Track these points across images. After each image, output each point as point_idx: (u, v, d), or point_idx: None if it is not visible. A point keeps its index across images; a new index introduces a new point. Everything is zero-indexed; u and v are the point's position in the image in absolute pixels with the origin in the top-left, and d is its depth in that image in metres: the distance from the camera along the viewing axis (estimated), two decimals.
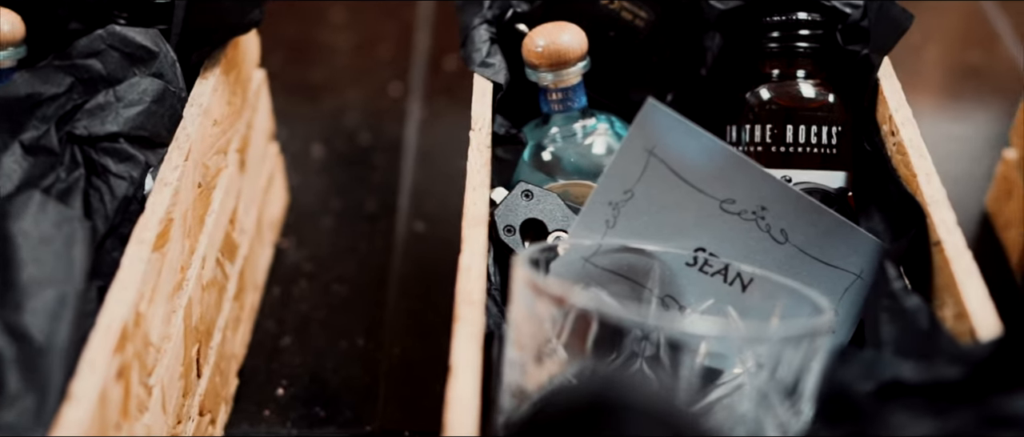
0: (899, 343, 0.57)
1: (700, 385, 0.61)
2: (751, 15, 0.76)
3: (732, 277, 0.64)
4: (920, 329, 0.56)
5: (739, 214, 0.64)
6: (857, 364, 0.53)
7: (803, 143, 0.72)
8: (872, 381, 0.52)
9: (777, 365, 0.55)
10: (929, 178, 0.65)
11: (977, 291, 0.57)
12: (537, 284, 0.54)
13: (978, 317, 0.55)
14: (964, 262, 0.59)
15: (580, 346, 0.57)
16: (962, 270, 0.58)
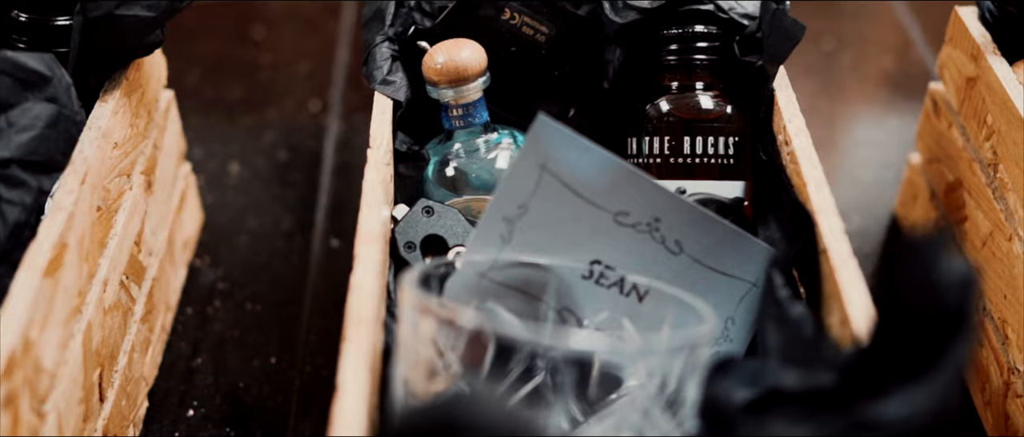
0: (784, 351, 0.58)
1: (599, 395, 0.62)
2: (649, 29, 0.77)
3: (628, 289, 0.65)
4: (804, 337, 0.57)
5: (634, 226, 0.65)
6: (740, 373, 0.54)
7: (700, 154, 0.73)
8: (754, 389, 0.53)
9: (663, 376, 0.56)
10: (819, 187, 0.66)
11: (860, 298, 0.58)
12: (422, 304, 0.54)
13: (860, 324, 0.56)
14: (848, 270, 0.60)
15: (476, 361, 0.58)
16: (846, 278, 0.59)
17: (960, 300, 0.45)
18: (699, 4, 0.76)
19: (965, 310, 0.45)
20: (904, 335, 0.46)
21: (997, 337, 0.76)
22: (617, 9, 0.77)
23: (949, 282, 0.45)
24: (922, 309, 0.45)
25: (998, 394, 0.76)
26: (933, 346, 0.45)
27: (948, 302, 0.45)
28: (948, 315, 0.45)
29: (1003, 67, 0.77)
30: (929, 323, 0.45)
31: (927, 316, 0.45)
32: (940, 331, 0.45)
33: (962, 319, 0.45)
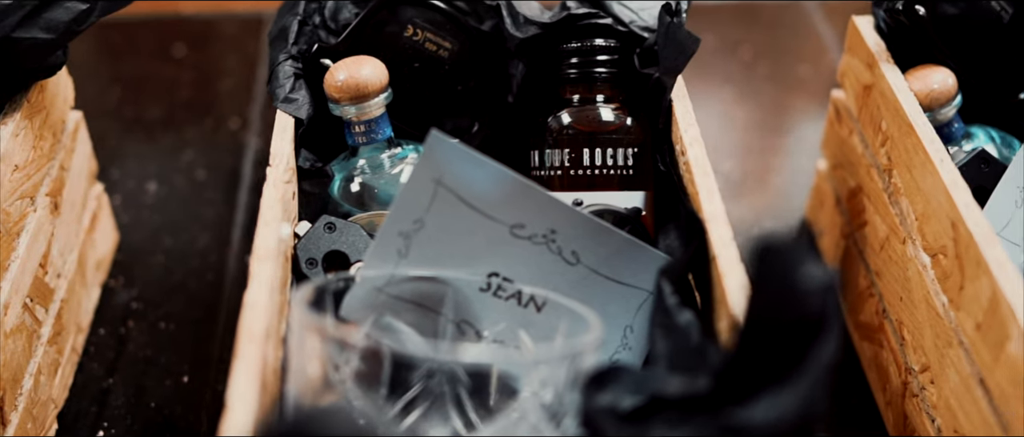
0: (671, 357, 0.59)
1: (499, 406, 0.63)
2: (550, 43, 0.78)
3: (526, 300, 0.66)
4: (691, 344, 0.59)
5: (530, 238, 0.66)
6: (626, 380, 0.55)
7: (600, 165, 0.74)
8: (639, 396, 0.54)
9: (554, 385, 0.57)
10: (711, 195, 0.67)
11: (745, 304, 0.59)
12: (307, 321, 0.55)
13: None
14: (735, 276, 0.61)
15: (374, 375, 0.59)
16: (733, 284, 0.61)
17: (821, 305, 0.46)
18: (598, 18, 0.77)
19: (827, 315, 0.46)
20: (769, 341, 0.47)
21: (895, 339, 0.78)
22: (518, 24, 0.78)
23: (810, 288, 0.46)
24: (785, 315, 0.46)
25: (897, 394, 0.78)
26: (797, 351, 0.47)
27: (810, 307, 0.46)
28: (810, 320, 0.46)
29: (895, 75, 0.79)
30: (792, 329, 0.47)
31: (790, 322, 0.46)
32: (803, 336, 0.47)
33: (824, 324, 0.46)
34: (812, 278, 0.46)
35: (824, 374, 0.46)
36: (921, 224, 0.73)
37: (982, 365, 0.64)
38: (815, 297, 0.46)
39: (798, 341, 0.46)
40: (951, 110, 0.80)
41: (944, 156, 0.72)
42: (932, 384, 0.72)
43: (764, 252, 0.47)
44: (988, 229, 0.66)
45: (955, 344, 0.68)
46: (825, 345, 0.46)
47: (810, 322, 0.46)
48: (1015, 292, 0.61)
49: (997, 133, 0.83)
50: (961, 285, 0.67)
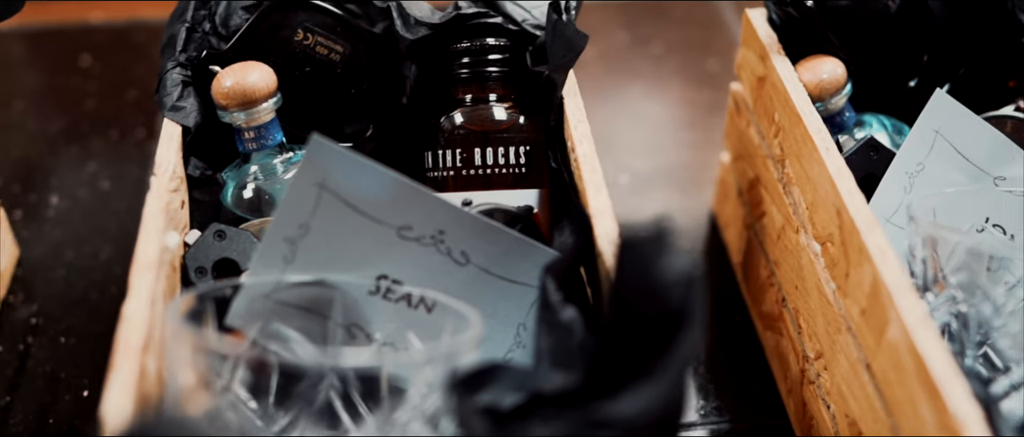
0: (554, 354, 0.59)
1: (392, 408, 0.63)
2: (441, 43, 0.78)
3: (416, 302, 0.66)
4: (573, 340, 0.59)
5: (418, 240, 0.66)
6: (507, 378, 0.55)
7: (492, 164, 0.74)
8: (520, 394, 0.54)
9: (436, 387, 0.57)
10: (598, 191, 0.67)
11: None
12: (177, 332, 0.54)
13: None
14: None
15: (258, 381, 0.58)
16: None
17: (682, 299, 0.47)
18: (488, 17, 0.77)
19: (687, 308, 0.47)
20: (632, 335, 0.47)
21: (793, 327, 0.79)
22: (409, 26, 0.78)
23: (671, 281, 0.47)
24: (647, 309, 0.47)
25: (796, 382, 0.78)
26: (659, 345, 0.47)
27: (671, 301, 0.46)
28: (671, 314, 0.47)
29: (785, 66, 0.80)
30: (654, 323, 0.47)
31: (652, 316, 0.47)
32: (665, 330, 0.47)
33: (685, 317, 0.47)
34: (674, 271, 0.46)
35: (686, 367, 0.47)
36: (811, 213, 0.74)
37: (867, 350, 0.65)
38: (677, 290, 0.46)
39: (660, 335, 0.47)
40: (841, 99, 0.81)
41: (830, 145, 0.72)
42: (826, 370, 0.72)
43: (624, 248, 0.47)
44: (870, 216, 0.66)
45: (844, 330, 0.68)
46: (686, 338, 0.46)
47: (671, 316, 0.46)
48: (894, 278, 0.62)
49: (889, 121, 0.85)
50: (847, 272, 0.68)
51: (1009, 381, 0.62)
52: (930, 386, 0.56)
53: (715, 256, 0.97)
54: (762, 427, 0.82)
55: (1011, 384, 0.62)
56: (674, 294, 0.46)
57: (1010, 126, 0.81)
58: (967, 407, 0.54)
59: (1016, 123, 0.81)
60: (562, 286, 0.63)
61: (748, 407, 0.83)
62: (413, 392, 0.61)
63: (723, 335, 0.89)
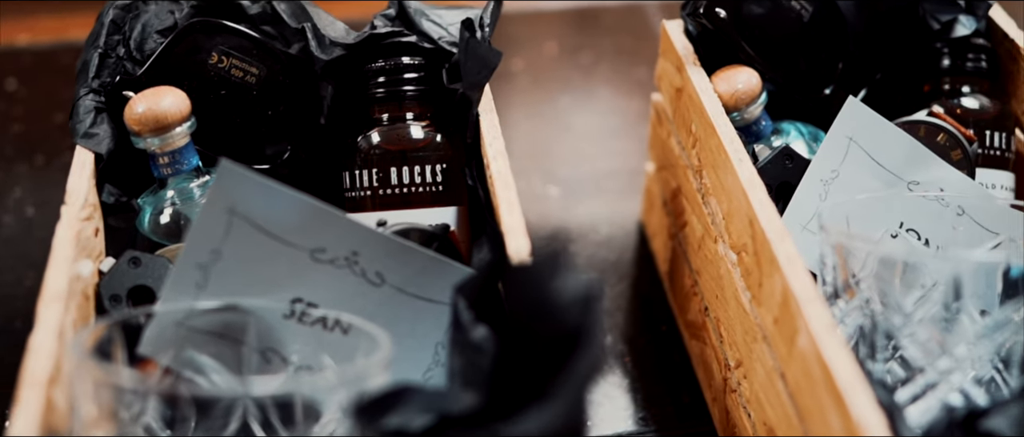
0: (466, 375, 0.59)
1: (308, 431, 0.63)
2: (356, 63, 0.78)
3: (331, 324, 0.66)
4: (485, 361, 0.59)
5: (332, 262, 0.66)
6: (417, 400, 0.55)
7: (408, 183, 0.75)
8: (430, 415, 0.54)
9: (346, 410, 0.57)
10: (511, 208, 0.68)
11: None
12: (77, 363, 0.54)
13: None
14: None
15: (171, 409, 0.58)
16: None
17: (581, 318, 0.47)
18: (403, 36, 0.77)
19: (586, 327, 0.47)
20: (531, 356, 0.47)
21: (715, 336, 0.79)
22: (323, 46, 0.78)
23: (569, 301, 0.47)
24: (544, 329, 0.47)
25: (720, 390, 0.79)
26: (558, 365, 0.47)
27: (569, 321, 0.47)
28: (570, 333, 0.47)
29: (701, 77, 0.81)
30: (552, 342, 0.47)
31: (550, 336, 0.47)
32: (564, 349, 0.47)
33: (583, 336, 0.47)
34: (572, 290, 0.47)
35: (585, 386, 0.47)
36: (727, 223, 0.75)
37: (780, 359, 0.66)
38: (576, 309, 0.47)
39: (559, 354, 0.47)
40: (757, 108, 0.81)
41: (743, 156, 0.73)
42: (745, 379, 0.73)
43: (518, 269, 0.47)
44: (780, 226, 0.67)
45: (760, 339, 0.69)
46: (585, 357, 0.47)
47: (571, 335, 0.47)
48: (802, 287, 0.62)
49: (807, 128, 0.86)
50: (760, 282, 0.68)
51: (915, 387, 0.63)
52: (835, 393, 0.57)
53: (644, 265, 0.98)
54: (689, 436, 0.82)
55: (916, 391, 0.63)
56: (572, 314, 0.47)
57: (923, 131, 0.82)
58: (870, 413, 0.55)
59: (929, 128, 0.82)
60: (475, 305, 0.63)
61: (676, 416, 0.84)
62: (327, 416, 0.61)
63: (651, 344, 0.90)
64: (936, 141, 0.81)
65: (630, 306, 0.93)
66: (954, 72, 0.86)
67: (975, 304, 0.65)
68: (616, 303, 0.93)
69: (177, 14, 0.80)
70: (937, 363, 0.63)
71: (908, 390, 0.64)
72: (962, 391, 0.63)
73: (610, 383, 0.85)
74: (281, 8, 0.79)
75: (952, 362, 0.63)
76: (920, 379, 0.63)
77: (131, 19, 0.80)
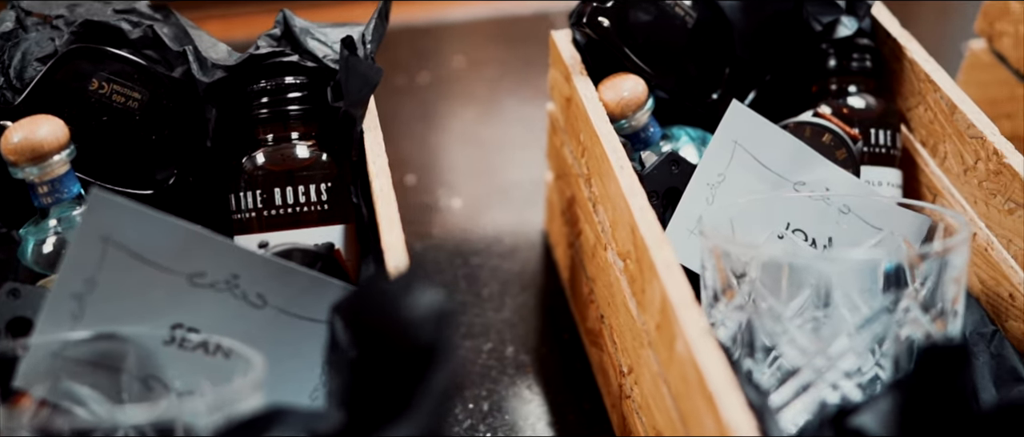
0: (342, 394, 0.59)
1: None
2: (239, 84, 0.77)
3: (213, 348, 0.65)
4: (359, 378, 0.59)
5: (211, 286, 0.66)
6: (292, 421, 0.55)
7: (293, 203, 0.74)
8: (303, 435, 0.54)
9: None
10: (391, 226, 0.68)
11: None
12: None
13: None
14: None
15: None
16: None
17: (435, 333, 0.47)
18: (284, 56, 0.77)
19: (440, 342, 0.47)
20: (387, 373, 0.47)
21: (610, 343, 0.80)
22: (205, 69, 0.77)
23: (422, 317, 0.47)
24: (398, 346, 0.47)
25: (616, 397, 0.80)
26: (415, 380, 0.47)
27: (422, 336, 0.47)
28: (424, 349, 0.47)
29: (586, 86, 0.81)
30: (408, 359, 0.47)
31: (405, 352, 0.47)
32: (420, 365, 0.47)
33: (437, 351, 0.47)
34: (424, 306, 0.47)
35: (444, 399, 0.47)
36: (613, 230, 0.75)
37: (663, 364, 0.66)
38: (429, 325, 0.47)
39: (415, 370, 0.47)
40: (644, 115, 0.82)
41: (624, 163, 0.74)
42: (636, 385, 0.74)
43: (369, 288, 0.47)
44: (659, 232, 0.68)
45: (645, 345, 0.70)
46: (441, 372, 0.47)
47: (425, 350, 0.47)
48: (678, 292, 0.63)
49: (698, 133, 0.86)
50: (643, 288, 0.69)
51: (793, 387, 0.64)
52: (708, 396, 0.57)
53: (548, 275, 0.98)
54: None
55: (794, 390, 0.64)
56: (425, 330, 0.47)
57: (809, 131, 0.83)
58: (739, 415, 0.55)
59: (814, 128, 0.83)
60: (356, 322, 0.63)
61: (577, 423, 0.84)
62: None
63: (553, 353, 0.90)
64: (822, 141, 0.83)
65: (533, 316, 0.93)
66: (840, 72, 0.88)
67: (855, 302, 0.66)
68: (519, 314, 0.93)
69: (57, 41, 0.79)
70: (813, 362, 0.64)
71: (786, 390, 0.64)
72: (838, 389, 0.64)
73: (513, 394, 0.85)
74: (163, 32, 0.79)
75: (827, 361, 0.64)
76: (798, 378, 0.64)
77: (10, 47, 0.79)
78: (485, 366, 0.88)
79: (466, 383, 0.86)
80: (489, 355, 0.89)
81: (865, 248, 0.74)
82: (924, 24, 1.31)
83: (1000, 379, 0.72)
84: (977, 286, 0.79)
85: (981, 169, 0.78)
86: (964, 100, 0.81)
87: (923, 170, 0.86)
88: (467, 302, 0.94)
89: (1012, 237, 0.75)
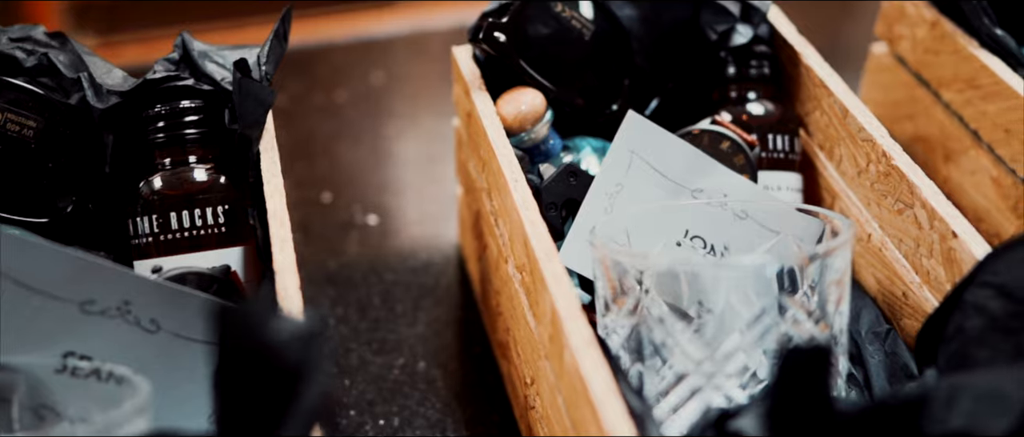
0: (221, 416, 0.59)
1: None
2: (135, 109, 0.77)
3: (106, 376, 0.65)
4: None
5: (103, 313, 0.66)
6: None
7: (190, 226, 0.74)
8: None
9: None
10: (283, 246, 0.68)
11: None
12: None
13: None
14: None
15: None
16: None
17: (301, 355, 0.48)
18: (179, 80, 0.77)
19: (308, 363, 0.48)
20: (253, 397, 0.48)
21: (516, 355, 0.81)
22: (100, 95, 0.77)
23: (286, 340, 0.47)
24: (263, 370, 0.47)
25: (522, 407, 0.80)
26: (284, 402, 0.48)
27: (288, 359, 0.47)
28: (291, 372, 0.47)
29: (484, 101, 0.82)
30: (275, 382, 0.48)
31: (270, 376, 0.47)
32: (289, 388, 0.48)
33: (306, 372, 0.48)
34: (288, 330, 0.47)
35: (313, 420, 0.48)
36: (512, 243, 0.76)
37: (556, 374, 0.67)
38: (292, 349, 0.47)
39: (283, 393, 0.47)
40: (543, 128, 0.83)
41: (519, 177, 0.75)
42: (538, 396, 0.74)
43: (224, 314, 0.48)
44: (549, 245, 0.69)
45: (542, 356, 0.70)
46: (308, 393, 0.47)
47: (292, 373, 0.47)
48: (565, 305, 0.64)
49: (600, 143, 0.87)
50: (537, 300, 0.70)
51: (681, 392, 0.65)
52: (591, 405, 0.58)
53: (462, 289, 0.99)
54: None
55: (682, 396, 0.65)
56: (291, 352, 0.47)
57: (707, 139, 0.84)
58: (620, 423, 0.56)
59: (712, 136, 0.84)
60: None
61: (486, 436, 0.85)
62: None
63: (464, 366, 0.90)
64: (720, 148, 0.84)
65: (446, 330, 0.94)
66: (739, 79, 0.89)
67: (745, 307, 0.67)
68: (432, 328, 0.94)
69: None
70: (701, 367, 0.65)
71: (675, 395, 0.65)
72: (725, 393, 0.65)
73: (423, 409, 0.86)
74: (58, 59, 0.79)
75: (715, 365, 0.65)
76: (686, 383, 0.65)
77: None
78: (397, 382, 0.88)
79: (377, 399, 0.86)
80: (401, 370, 0.89)
81: (759, 253, 0.75)
82: (836, 27, 1.33)
83: (894, 376, 0.74)
84: (874, 286, 0.81)
85: (872, 171, 0.79)
86: (856, 104, 0.82)
87: (822, 173, 0.87)
88: (380, 318, 0.94)
89: (903, 237, 0.77)
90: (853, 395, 0.73)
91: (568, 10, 0.86)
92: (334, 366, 0.89)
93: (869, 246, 0.81)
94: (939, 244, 0.72)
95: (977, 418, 0.53)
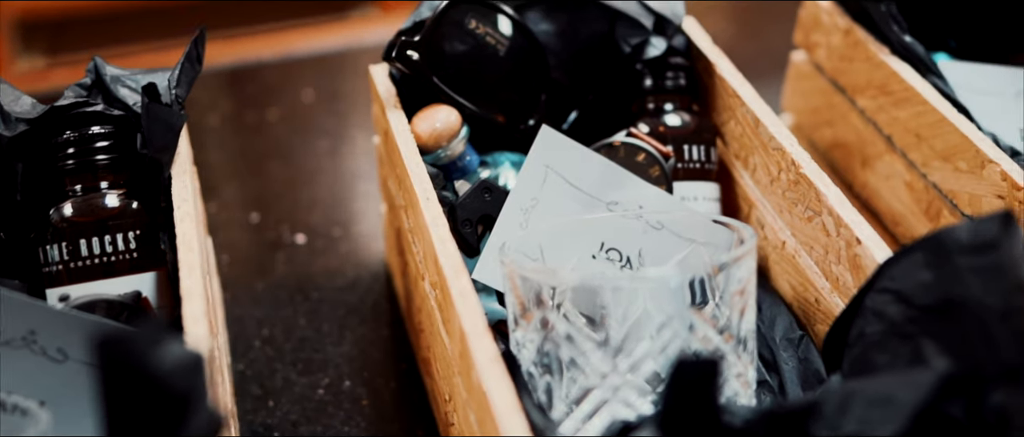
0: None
1: None
2: (44, 137, 0.77)
3: (11, 408, 0.65)
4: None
5: (7, 344, 0.65)
6: None
7: (100, 253, 0.74)
8: None
9: None
10: (191, 271, 0.68)
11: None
12: None
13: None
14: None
15: None
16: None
17: (187, 382, 0.47)
18: (88, 106, 0.77)
19: (193, 391, 0.48)
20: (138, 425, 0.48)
21: (436, 372, 0.81)
22: (8, 123, 0.77)
23: (170, 369, 0.47)
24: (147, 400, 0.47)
25: (445, 425, 0.80)
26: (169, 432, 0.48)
27: (174, 388, 0.47)
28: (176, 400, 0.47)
29: (399, 119, 0.82)
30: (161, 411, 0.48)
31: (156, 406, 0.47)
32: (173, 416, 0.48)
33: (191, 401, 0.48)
34: (172, 359, 0.47)
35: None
36: (426, 261, 0.76)
37: (467, 391, 0.67)
38: (179, 376, 0.47)
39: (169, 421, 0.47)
40: (459, 144, 0.83)
41: (430, 194, 0.75)
42: (455, 412, 0.74)
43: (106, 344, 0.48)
44: (457, 262, 0.69)
45: (455, 374, 0.71)
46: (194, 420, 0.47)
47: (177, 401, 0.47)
48: (471, 322, 0.64)
49: (519, 158, 0.88)
50: (448, 317, 0.70)
51: (588, 405, 0.65)
52: (494, 422, 0.58)
53: (390, 306, 0.99)
54: None
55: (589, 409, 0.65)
56: (177, 380, 0.47)
57: (623, 151, 0.85)
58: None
59: (628, 148, 0.85)
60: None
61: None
62: None
63: (391, 384, 0.90)
64: (636, 160, 0.85)
65: (373, 348, 0.94)
66: (656, 91, 0.90)
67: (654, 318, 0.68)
68: (358, 346, 0.94)
69: None
70: (608, 380, 0.65)
71: (582, 408, 0.66)
72: (631, 406, 0.65)
73: (348, 428, 0.86)
74: None
75: (621, 378, 0.65)
76: (592, 396, 0.66)
77: None
78: (321, 402, 0.88)
79: (301, 420, 0.86)
80: (326, 390, 0.89)
81: (672, 263, 0.76)
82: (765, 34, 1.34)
83: (806, 382, 0.75)
84: (789, 292, 0.82)
85: (783, 179, 0.80)
86: (767, 114, 0.83)
87: (739, 182, 0.88)
88: (306, 338, 0.94)
89: (813, 244, 0.78)
90: (767, 402, 0.74)
91: (483, 26, 0.86)
92: (258, 387, 0.89)
93: (784, 254, 0.82)
94: (845, 250, 0.73)
95: (868, 423, 0.53)
